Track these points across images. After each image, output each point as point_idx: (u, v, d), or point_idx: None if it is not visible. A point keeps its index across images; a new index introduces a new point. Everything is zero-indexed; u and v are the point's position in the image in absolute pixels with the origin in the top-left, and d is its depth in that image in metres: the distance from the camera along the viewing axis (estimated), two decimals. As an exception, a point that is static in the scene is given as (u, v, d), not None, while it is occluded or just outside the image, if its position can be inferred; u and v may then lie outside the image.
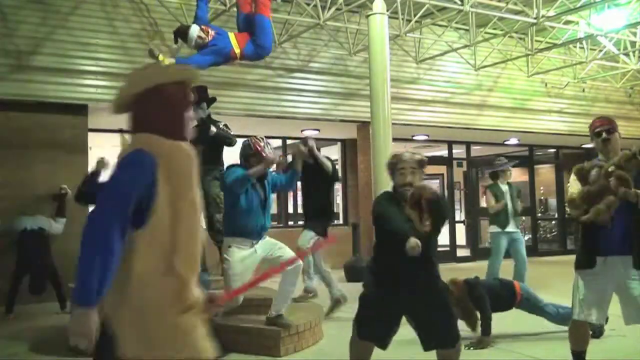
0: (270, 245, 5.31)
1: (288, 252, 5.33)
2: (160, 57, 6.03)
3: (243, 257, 5.13)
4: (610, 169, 3.70)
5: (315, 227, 6.98)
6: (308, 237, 6.89)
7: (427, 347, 3.80)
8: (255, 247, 5.20)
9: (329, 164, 7.08)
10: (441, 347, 3.76)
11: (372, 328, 3.81)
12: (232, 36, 6.13)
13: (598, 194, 3.71)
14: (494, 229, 7.89)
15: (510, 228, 7.78)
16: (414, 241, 3.46)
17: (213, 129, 6.24)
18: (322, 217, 7.11)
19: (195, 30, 5.99)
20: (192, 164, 2.20)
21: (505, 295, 5.68)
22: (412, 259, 3.51)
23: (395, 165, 3.84)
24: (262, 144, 5.22)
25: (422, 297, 3.72)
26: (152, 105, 2.20)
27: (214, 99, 6.80)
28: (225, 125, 6.49)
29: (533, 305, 5.75)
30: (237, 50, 6.12)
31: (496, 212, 7.79)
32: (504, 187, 7.91)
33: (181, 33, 6.14)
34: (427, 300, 3.72)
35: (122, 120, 2.30)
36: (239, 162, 5.37)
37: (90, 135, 9.46)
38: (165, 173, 2.09)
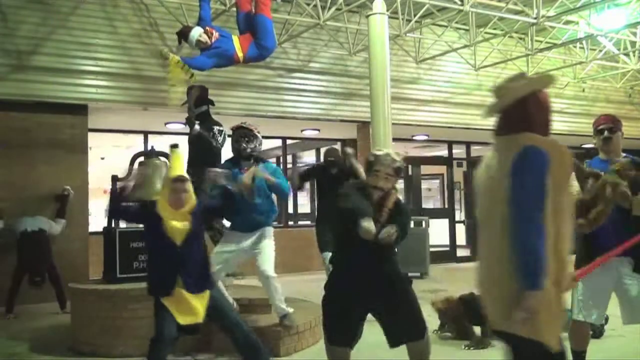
0: (255, 244, 5.26)
1: (264, 259, 5.23)
2: (170, 56, 6.02)
3: (222, 251, 5.26)
4: (607, 178, 3.69)
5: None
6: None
7: (394, 344, 3.73)
8: (243, 240, 5.25)
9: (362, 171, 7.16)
10: (409, 340, 3.69)
11: (340, 332, 3.78)
12: (235, 39, 6.09)
13: (591, 203, 3.72)
14: None
15: None
16: (367, 225, 3.42)
17: (197, 127, 6.10)
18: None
19: (196, 33, 5.96)
20: (569, 159, 2.53)
21: None
22: (372, 256, 3.51)
23: (372, 165, 3.78)
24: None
25: (384, 292, 3.69)
26: (530, 108, 2.56)
27: (211, 101, 6.70)
28: (219, 132, 6.20)
29: None
30: (240, 54, 6.09)
31: None
32: None
33: (183, 34, 6.13)
34: (389, 295, 3.69)
35: (121, 121, 2.30)
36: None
37: (90, 135, 9.46)
38: (551, 167, 2.41)
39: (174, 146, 4.45)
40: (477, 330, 5.60)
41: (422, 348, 3.74)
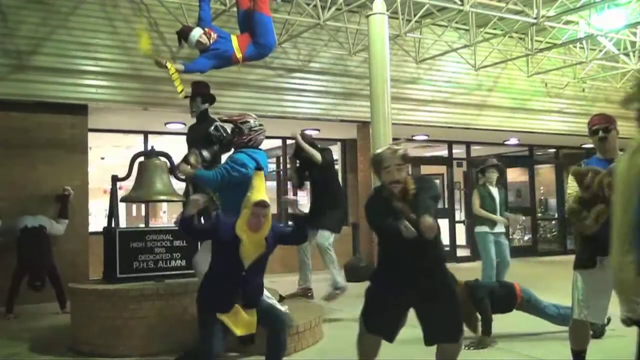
0: None
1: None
2: (168, 65, 6.00)
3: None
4: (604, 179, 3.68)
5: (314, 224, 6.85)
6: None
7: (430, 342, 3.76)
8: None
9: (315, 152, 6.94)
10: (445, 341, 3.73)
11: (380, 321, 3.80)
12: (234, 40, 6.09)
13: (590, 201, 3.71)
14: (482, 228, 7.65)
15: (497, 229, 7.60)
16: (404, 224, 3.44)
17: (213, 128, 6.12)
18: (321, 213, 7.01)
19: (196, 34, 5.96)
20: None
21: (505, 297, 5.68)
22: (418, 252, 3.54)
23: (379, 164, 3.81)
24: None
25: (430, 289, 3.70)
26: None
27: (213, 98, 6.70)
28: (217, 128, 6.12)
29: (534, 307, 5.75)
30: (239, 55, 6.08)
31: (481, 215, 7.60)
32: (493, 190, 7.67)
33: (183, 34, 6.13)
34: (434, 293, 3.70)
35: (121, 121, 2.30)
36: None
37: (90, 135, 9.47)
38: None
39: (259, 169, 4.44)
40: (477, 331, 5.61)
41: (454, 350, 3.78)
